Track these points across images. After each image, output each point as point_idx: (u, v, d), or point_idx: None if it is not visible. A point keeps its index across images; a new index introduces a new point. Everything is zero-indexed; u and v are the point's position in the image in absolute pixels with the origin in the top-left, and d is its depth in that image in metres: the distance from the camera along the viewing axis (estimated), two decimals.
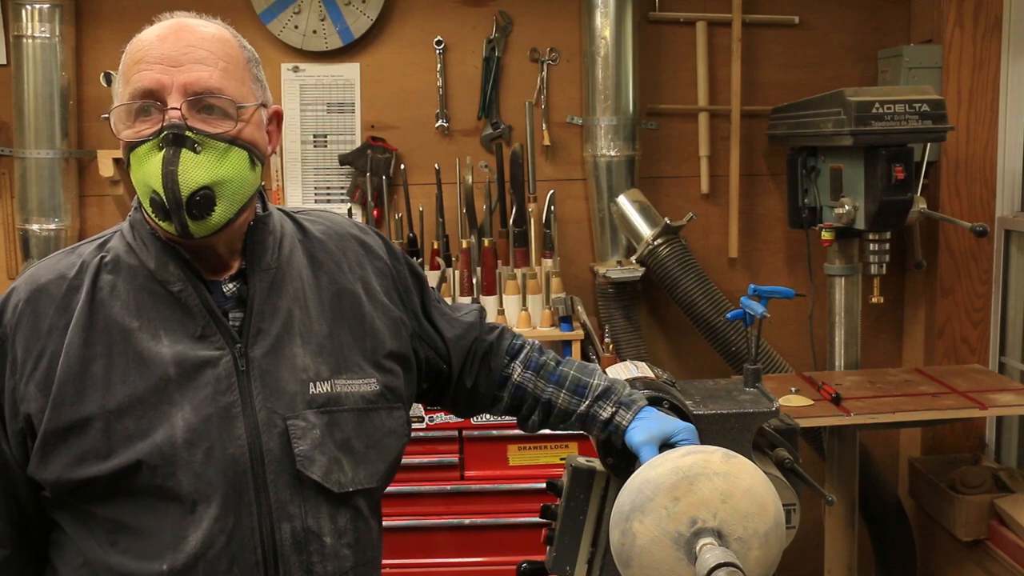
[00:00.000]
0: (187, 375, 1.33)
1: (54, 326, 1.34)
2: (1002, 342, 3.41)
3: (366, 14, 3.37)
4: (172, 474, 1.30)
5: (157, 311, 1.35)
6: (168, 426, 1.31)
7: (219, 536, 1.31)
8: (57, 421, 1.30)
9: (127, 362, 1.32)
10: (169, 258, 1.36)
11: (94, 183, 3.40)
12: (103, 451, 1.30)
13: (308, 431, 1.37)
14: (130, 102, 1.32)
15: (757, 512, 1.25)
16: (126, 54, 1.35)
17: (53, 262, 1.41)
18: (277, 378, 1.37)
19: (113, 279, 1.37)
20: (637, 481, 1.28)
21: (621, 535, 1.25)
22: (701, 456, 1.27)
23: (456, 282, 3.14)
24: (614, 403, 1.55)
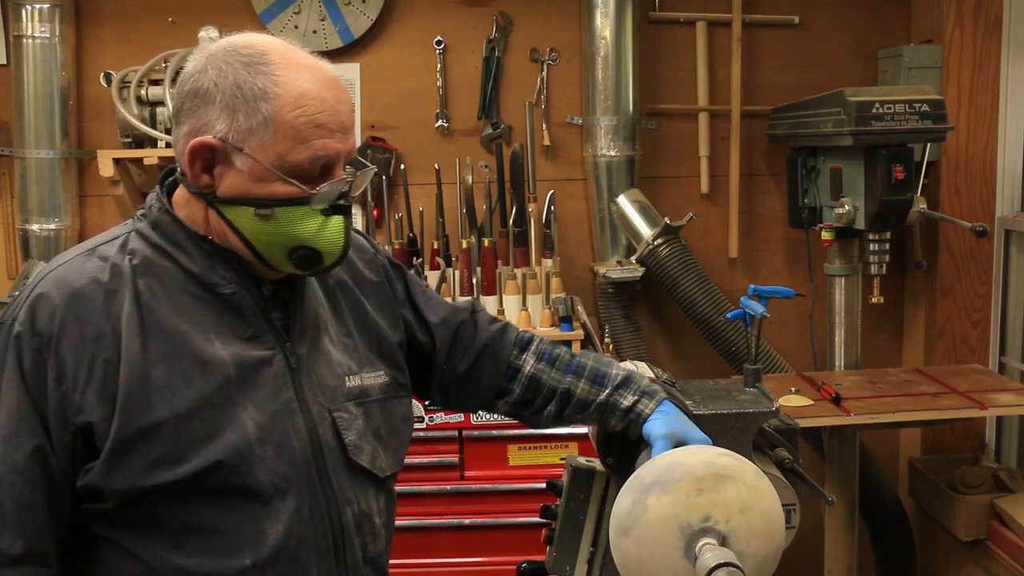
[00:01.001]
0: (246, 375, 1.36)
1: (101, 332, 1.31)
2: (1002, 342, 3.41)
3: (366, 14, 3.37)
4: (249, 471, 1.33)
5: (202, 313, 1.36)
6: (237, 425, 1.33)
7: (297, 526, 1.37)
8: (126, 429, 1.29)
9: (188, 365, 1.33)
10: (216, 262, 1.38)
11: (94, 183, 3.40)
12: (175, 455, 1.30)
13: (352, 422, 1.45)
14: (309, 166, 1.33)
15: (766, 535, 1.25)
16: (291, 103, 1.31)
17: (77, 265, 1.37)
18: (319, 374, 1.44)
19: (149, 282, 1.35)
20: (668, 459, 1.28)
21: (633, 503, 1.25)
22: (737, 462, 1.27)
23: (456, 282, 3.14)
24: (635, 391, 1.56)
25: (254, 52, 1.33)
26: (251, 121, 1.31)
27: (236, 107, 1.32)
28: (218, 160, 1.34)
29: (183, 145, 1.35)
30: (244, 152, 1.32)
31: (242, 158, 1.32)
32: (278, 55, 1.34)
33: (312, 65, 1.36)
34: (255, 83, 1.31)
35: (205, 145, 1.33)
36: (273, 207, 1.34)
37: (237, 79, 1.32)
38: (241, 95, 1.31)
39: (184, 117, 1.36)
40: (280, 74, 1.32)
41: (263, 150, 1.32)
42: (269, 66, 1.32)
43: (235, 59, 1.33)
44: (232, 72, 1.32)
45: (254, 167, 1.32)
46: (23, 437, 1.30)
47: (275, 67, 1.33)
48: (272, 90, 1.31)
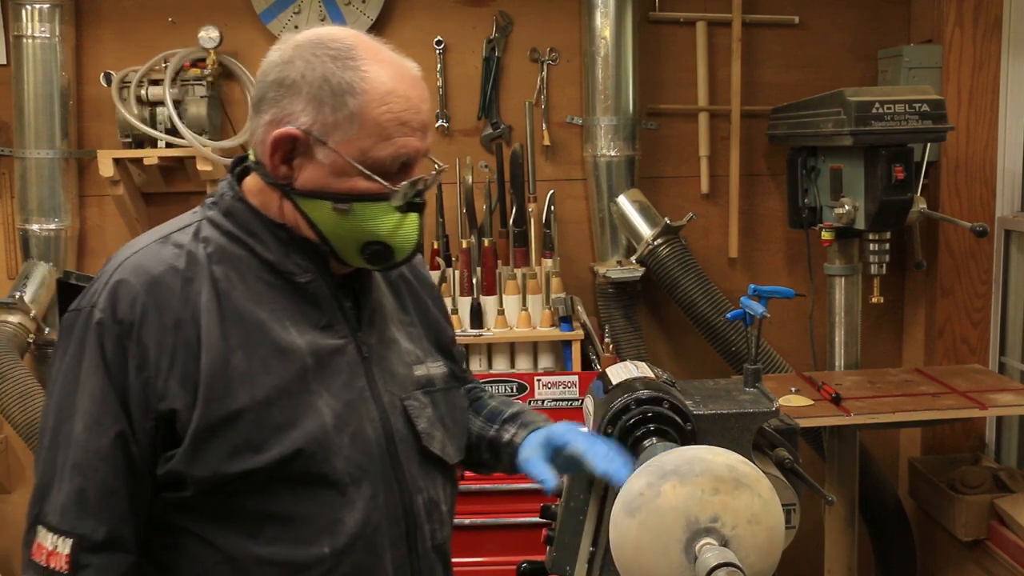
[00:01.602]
0: (322, 363, 1.37)
1: (181, 319, 1.31)
2: (1002, 342, 3.41)
3: (366, 14, 3.37)
4: (327, 460, 1.34)
5: (277, 301, 1.37)
6: (315, 413, 1.34)
7: (373, 513, 1.38)
8: (209, 416, 1.30)
9: (267, 353, 1.33)
10: (292, 250, 1.38)
11: (94, 183, 3.40)
12: (256, 443, 1.31)
13: (422, 410, 1.48)
14: (390, 163, 1.34)
15: (766, 551, 1.25)
16: (378, 99, 1.32)
17: (153, 252, 1.36)
18: (390, 362, 1.46)
19: (225, 270, 1.36)
20: (691, 453, 1.28)
21: (647, 486, 1.25)
22: (756, 473, 1.27)
23: (456, 282, 3.14)
24: (518, 425, 1.61)
25: (342, 46, 1.33)
26: (337, 115, 1.32)
27: (323, 100, 1.32)
28: (299, 152, 1.34)
29: (263, 134, 1.35)
30: (327, 145, 1.33)
31: (324, 151, 1.33)
32: (365, 50, 1.34)
33: (397, 62, 1.37)
34: (343, 77, 1.32)
35: (288, 136, 1.33)
36: (351, 202, 1.35)
37: (325, 72, 1.32)
38: (328, 88, 1.32)
39: (266, 106, 1.35)
40: (367, 69, 1.32)
41: (347, 144, 1.33)
42: (356, 61, 1.33)
43: (323, 52, 1.33)
44: (320, 65, 1.32)
45: (336, 161, 1.33)
46: (106, 424, 1.30)
47: (362, 62, 1.33)
48: (360, 85, 1.32)
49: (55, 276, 3.29)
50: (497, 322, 3.10)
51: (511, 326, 3.10)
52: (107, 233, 3.48)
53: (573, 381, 2.92)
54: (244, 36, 3.39)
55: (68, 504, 1.30)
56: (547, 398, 2.92)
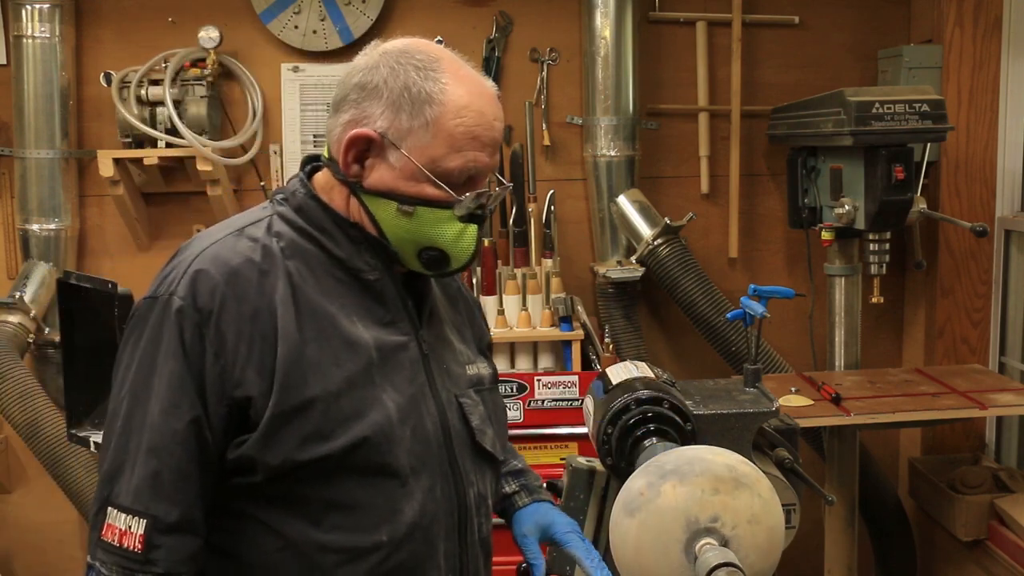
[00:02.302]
0: (386, 358, 1.42)
1: (258, 310, 1.35)
2: (1002, 342, 3.41)
3: (366, 14, 3.37)
4: (390, 450, 1.38)
5: (346, 296, 1.42)
6: (380, 406, 1.39)
7: (430, 504, 1.43)
8: (284, 404, 1.33)
9: (337, 345, 1.38)
10: (362, 248, 1.43)
11: (94, 183, 3.40)
12: (325, 432, 1.35)
13: (475, 407, 1.53)
14: (458, 174, 1.40)
15: (766, 551, 1.25)
16: (454, 112, 1.38)
17: (230, 244, 1.40)
18: (445, 360, 1.52)
19: (296, 264, 1.40)
20: (691, 453, 1.28)
21: (647, 486, 1.25)
22: (756, 473, 1.27)
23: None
24: (520, 484, 1.70)
25: (427, 58, 1.40)
26: (413, 122, 1.38)
27: (401, 106, 1.38)
28: (372, 153, 1.40)
29: (341, 132, 1.41)
30: (400, 150, 1.38)
31: (397, 155, 1.39)
32: (448, 64, 1.40)
33: (477, 80, 1.43)
34: (423, 87, 1.38)
35: (364, 136, 1.39)
36: (416, 206, 1.40)
37: (407, 80, 1.38)
38: (408, 96, 1.38)
39: (347, 107, 1.41)
40: (447, 82, 1.38)
41: (419, 151, 1.38)
42: (438, 73, 1.39)
43: (408, 61, 1.39)
44: (404, 73, 1.38)
45: (407, 165, 1.39)
46: (182, 408, 1.33)
47: (444, 75, 1.39)
48: (438, 96, 1.38)
49: (55, 276, 3.28)
50: (497, 322, 3.10)
51: (511, 326, 3.10)
52: (107, 233, 3.48)
53: (573, 381, 2.92)
54: (244, 36, 3.39)
55: (142, 486, 1.32)
56: (547, 398, 2.92)
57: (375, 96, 1.39)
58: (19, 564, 3.57)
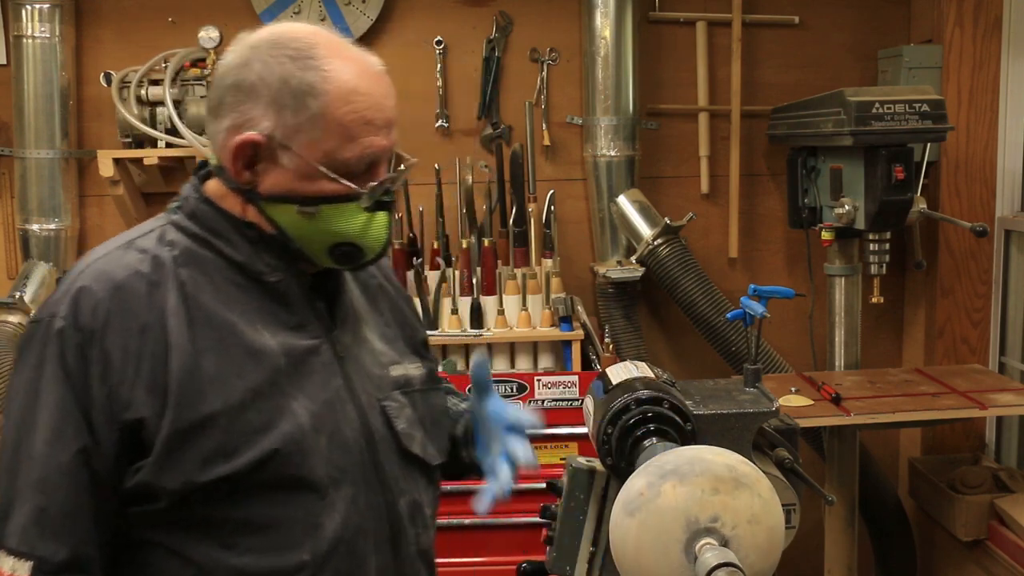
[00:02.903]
0: (296, 364, 1.35)
1: (147, 325, 1.28)
2: (1002, 342, 3.41)
3: (366, 14, 3.37)
4: (304, 462, 1.31)
5: (247, 302, 1.34)
6: (291, 415, 1.31)
7: (354, 516, 1.36)
8: (180, 423, 1.26)
9: (238, 355, 1.30)
10: (261, 250, 1.36)
11: (94, 183, 3.40)
12: (230, 448, 1.27)
13: (401, 410, 1.45)
14: (356, 163, 1.32)
15: (766, 551, 1.25)
16: (341, 99, 1.29)
17: (116, 257, 1.33)
18: (365, 363, 1.44)
19: (191, 272, 1.33)
20: (691, 453, 1.28)
21: (647, 486, 1.25)
22: (756, 473, 1.27)
23: (456, 282, 3.14)
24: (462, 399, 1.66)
25: (302, 45, 1.31)
26: (299, 118, 1.29)
27: (283, 103, 1.29)
28: (262, 157, 1.32)
29: (224, 140, 1.32)
30: (291, 150, 1.30)
31: (289, 156, 1.30)
32: (325, 48, 1.31)
33: (359, 58, 1.34)
34: (303, 78, 1.29)
35: (250, 142, 1.30)
36: (318, 205, 1.33)
37: (284, 74, 1.29)
38: (288, 91, 1.29)
39: (225, 111, 1.32)
40: (328, 69, 1.30)
41: (310, 147, 1.30)
42: (316, 60, 1.30)
43: (281, 52, 1.30)
44: (278, 66, 1.29)
45: (301, 165, 1.31)
46: (67, 437, 1.25)
47: (323, 61, 1.30)
48: (321, 86, 1.29)
49: (55, 276, 3.29)
50: (497, 322, 3.10)
51: (511, 326, 3.10)
52: (107, 233, 3.48)
53: (573, 381, 2.92)
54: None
55: (28, 525, 1.24)
56: (547, 398, 2.92)
57: (253, 96, 1.30)
58: None
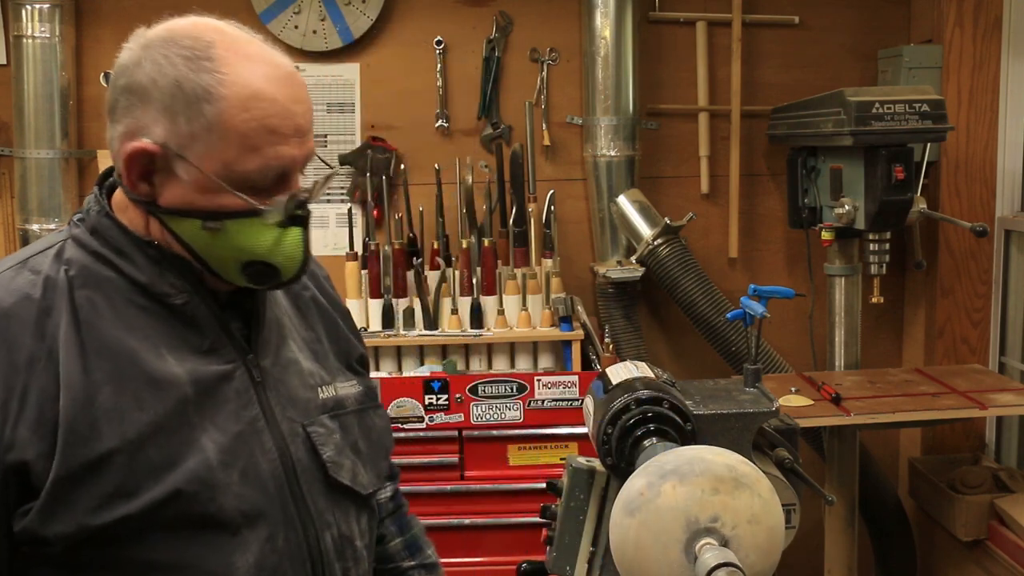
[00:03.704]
0: (205, 393, 1.23)
1: (34, 357, 1.16)
2: (1002, 342, 3.41)
3: (366, 14, 3.37)
4: (212, 499, 1.20)
5: (151, 327, 1.22)
6: (197, 449, 1.20)
7: (271, 556, 1.25)
8: (69, 464, 1.14)
9: (138, 386, 1.19)
10: (165, 269, 1.24)
11: (94, 183, 3.39)
12: (129, 488, 1.16)
13: (329, 436, 1.34)
14: (260, 176, 1.20)
15: (766, 552, 1.25)
16: (239, 105, 1.17)
17: (5, 281, 1.20)
18: (289, 386, 1.33)
19: (89, 295, 1.20)
20: (691, 453, 1.28)
21: (647, 486, 1.25)
22: (756, 473, 1.27)
23: (456, 282, 3.14)
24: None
25: (197, 44, 1.18)
26: (193, 125, 1.17)
27: (176, 109, 1.17)
28: (158, 167, 1.20)
29: (119, 147, 1.21)
30: (187, 161, 1.18)
31: (184, 167, 1.18)
32: (225, 48, 1.18)
33: (264, 58, 1.20)
34: (197, 81, 1.16)
35: (142, 151, 1.19)
36: (222, 219, 1.21)
37: (178, 76, 1.17)
38: (182, 95, 1.17)
39: (119, 116, 1.21)
40: (226, 71, 1.17)
41: (207, 158, 1.18)
42: (213, 61, 1.17)
43: (175, 52, 1.18)
44: (171, 68, 1.17)
45: (198, 177, 1.18)
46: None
47: (220, 62, 1.17)
48: (217, 90, 1.16)
49: None
50: (497, 322, 3.10)
51: (511, 326, 3.11)
52: None
53: (573, 381, 2.92)
54: None
55: None
56: (547, 398, 2.92)
57: (145, 100, 1.18)
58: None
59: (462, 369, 3.09)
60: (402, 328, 3.11)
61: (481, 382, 2.91)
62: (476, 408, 2.91)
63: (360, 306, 3.14)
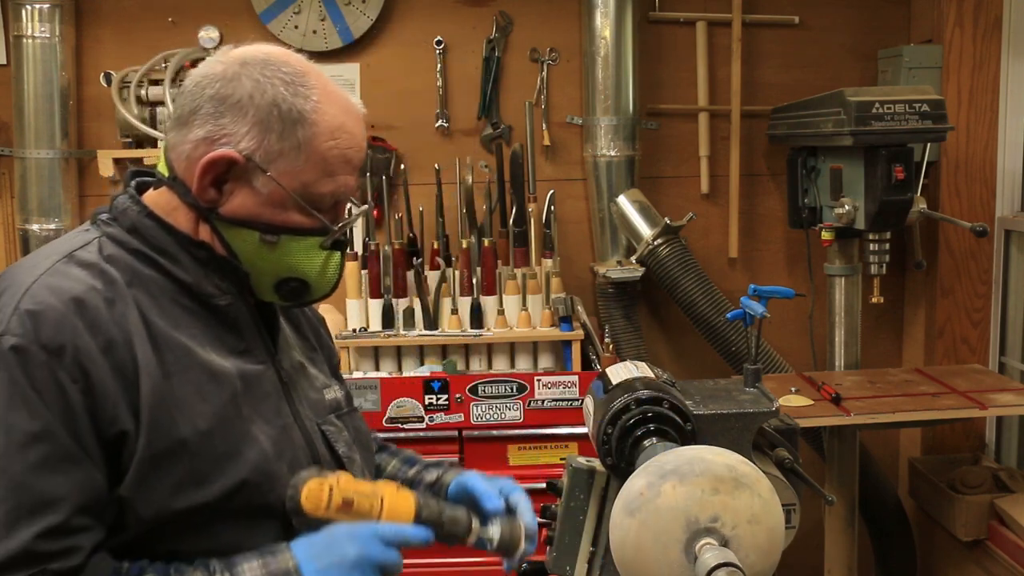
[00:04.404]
0: (250, 389, 1.30)
1: (112, 342, 1.19)
2: (1002, 342, 3.41)
3: (366, 14, 3.37)
4: (272, 490, 1.27)
5: (194, 325, 1.28)
6: (253, 441, 1.27)
7: None
8: (153, 447, 1.19)
9: (199, 378, 1.24)
10: (211, 271, 1.30)
11: (94, 183, 3.40)
12: (200, 476, 1.22)
13: (339, 434, 1.43)
14: (327, 200, 1.30)
15: (767, 552, 1.25)
16: (328, 133, 1.27)
17: (62, 271, 1.22)
18: (303, 387, 1.41)
19: (138, 292, 1.25)
20: (691, 453, 1.28)
21: (647, 486, 1.25)
22: (756, 473, 1.27)
23: (456, 282, 3.14)
24: (444, 468, 1.62)
25: (294, 71, 1.28)
26: (283, 144, 1.26)
27: (270, 126, 1.25)
28: (233, 176, 1.27)
29: (193, 151, 1.26)
30: (268, 174, 1.26)
31: (264, 180, 1.26)
32: (316, 79, 1.29)
33: (346, 97, 1.33)
34: (294, 104, 1.26)
35: (226, 159, 1.25)
36: (281, 235, 1.29)
37: (276, 97, 1.25)
38: (278, 114, 1.25)
39: (199, 121, 1.26)
40: (319, 100, 1.27)
41: (288, 176, 1.26)
42: (308, 89, 1.27)
43: (274, 74, 1.26)
44: (271, 87, 1.26)
45: (275, 191, 1.26)
46: (56, 460, 1.14)
47: (314, 91, 1.27)
48: (311, 116, 1.26)
49: None
50: (497, 322, 3.10)
51: (511, 326, 3.10)
52: None
53: (573, 381, 2.92)
54: (244, 36, 3.34)
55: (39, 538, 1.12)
56: (547, 398, 2.92)
57: (238, 112, 1.25)
58: None
59: (462, 369, 3.09)
60: (402, 328, 3.11)
61: (481, 382, 2.91)
62: (476, 408, 2.91)
63: (360, 306, 3.14)
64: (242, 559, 1.23)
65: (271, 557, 1.24)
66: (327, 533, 1.26)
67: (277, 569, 1.23)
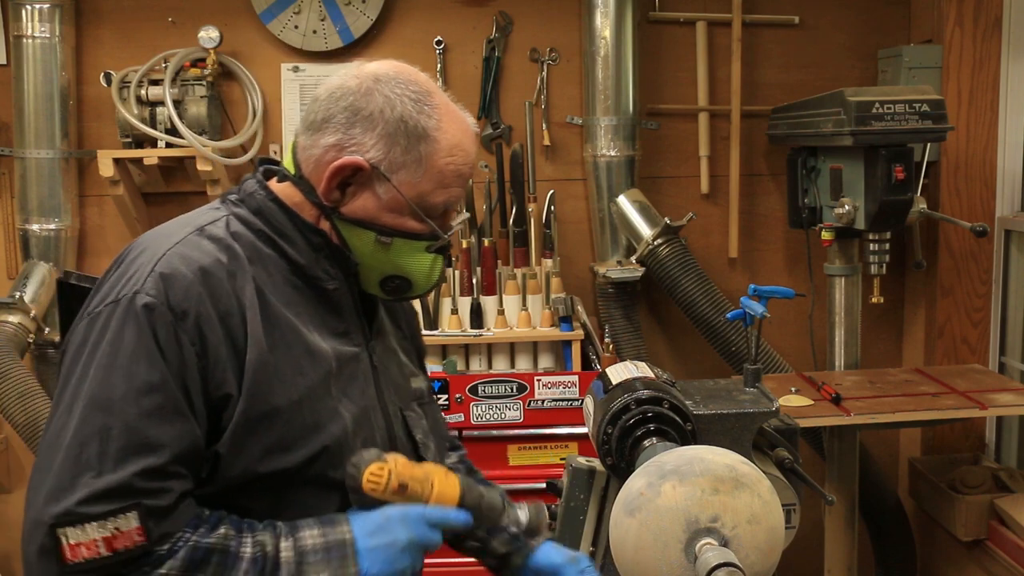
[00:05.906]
0: (342, 369, 1.41)
1: (229, 312, 1.31)
2: (1002, 342, 3.41)
3: (366, 14, 3.37)
4: (344, 463, 1.36)
5: (301, 304, 1.39)
6: (337, 417, 1.38)
7: None
8: (249, 413, 1.30)
9: (299, 354, 1.36)
10: (323, 256, 1.42)
11: (94, 183, 3.40)
12: (286, 443, 1.33)
13: (419, 421, 1.54)
14: (439, 209, 1.43)
15: (766, 551, 1.25)
16: (447, 150, 1.40)
17: (194, 243, 1.35)
18: (392, 373, 1.53)
19: (257, 269, 1.37)
20: (691, 453, 1.28)
21: (647, 486, 1.25)
22: (756, 473, 1.28)
23: (456, 282, 3.14)
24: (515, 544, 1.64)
25: (420, 90, 1.40)
26: (406, 156, 1.38)
27: (396, 138, 1.38)
28: (357, 181, 1.39)
29: (322, 155, 1.39)
30: (390, 182, 1.39)
31: (386, 186, 1.39)
32: (439, 98, 1.42)
33: (463, 116, 1.45)
34: (419, 121, 1.38)
35: (354, 165, 1.37)
36: (395, 237, 1.41)
37: (404, 113, 1.38)
38: (405, 129, 1.38)
39: (332, 128, 1.38)
40: (441, 119, 1.40)
41: (408, 185, 1.39)
42: (432, 108, 1.40)
43: (403, 92, 1.39)
44: (400, 104, 1.38)
45: (395, 198, 1.39)
46: (167, 412, 1.25)
47: (437, 110, 1.40)
48: (433, 133, 1.39)
49: (55, 276, 3.29)
50: (497, 322, 3.10)
51: (511, 326, 3.11)
52: (107, 233, 3.48)
53: (573, 381, 2.92)
54: (244, 36, 3.39)
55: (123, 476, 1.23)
56: (547, 398, 2.92)
57: (369, 124, 1.38)
58: (19, 564, 3.57)
59: (462, 369, 3.10)
60: None
61: (481, 382, 2.91)
62: (476, 408, 2.91)
63: None
64: (304, 525, 1.33)
65: (330, 527, 1.34)
66: (382, 514, 1.36)
67: (334, 539, 1.33)
